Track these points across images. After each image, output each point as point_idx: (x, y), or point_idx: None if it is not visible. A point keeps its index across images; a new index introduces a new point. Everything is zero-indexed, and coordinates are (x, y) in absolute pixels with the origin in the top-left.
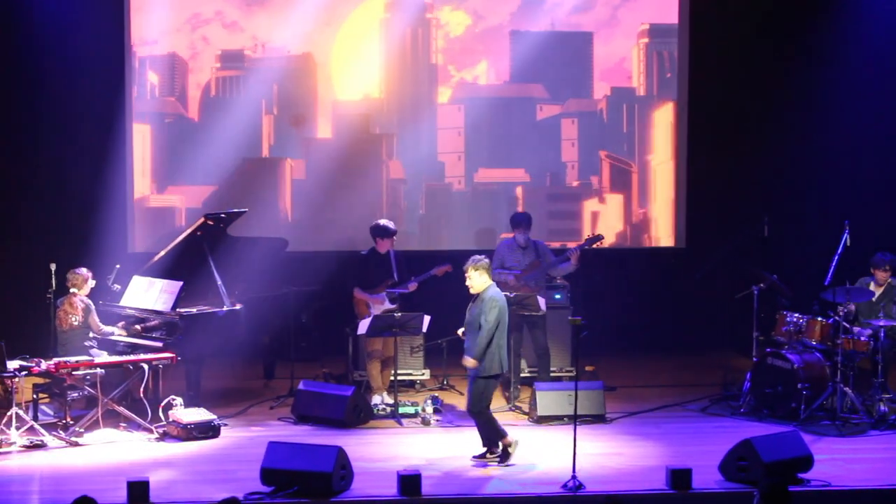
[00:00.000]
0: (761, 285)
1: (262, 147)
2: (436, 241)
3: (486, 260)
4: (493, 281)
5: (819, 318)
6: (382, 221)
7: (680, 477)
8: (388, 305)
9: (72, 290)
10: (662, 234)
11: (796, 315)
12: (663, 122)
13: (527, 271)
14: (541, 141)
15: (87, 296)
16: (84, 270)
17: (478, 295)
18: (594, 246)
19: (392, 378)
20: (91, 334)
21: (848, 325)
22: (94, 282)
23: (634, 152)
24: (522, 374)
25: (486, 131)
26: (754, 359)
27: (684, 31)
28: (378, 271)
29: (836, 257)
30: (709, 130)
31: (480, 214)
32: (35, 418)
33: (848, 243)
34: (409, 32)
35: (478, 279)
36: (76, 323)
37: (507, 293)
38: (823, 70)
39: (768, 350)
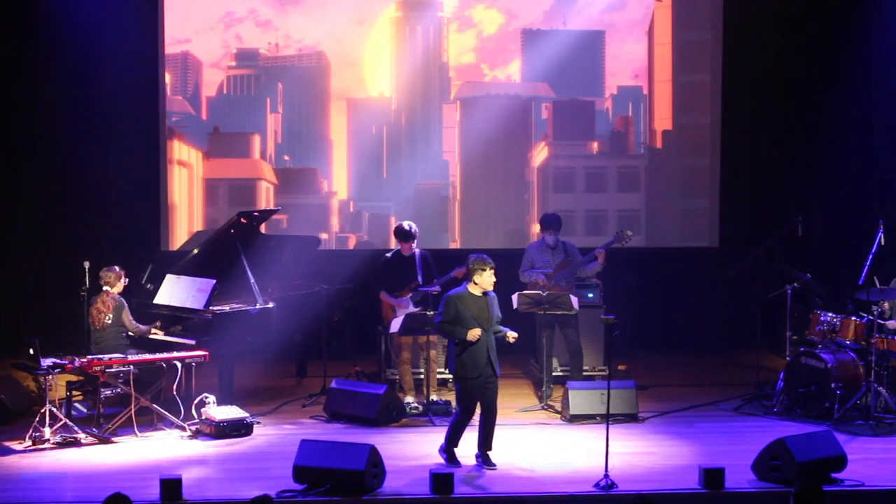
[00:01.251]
0: (795, 284)
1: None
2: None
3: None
4: (525, 282)
5: (853, 318)
6: (405, 224)
7: (713, 476)
8: (412, 308)
9: (105, 288)
10: (696, 233)
11: (830, 314)
12: (698, 122)
13: (557, 271)
14: None
15: (119, 294)
16: (117, 268)
17: (485, 292)
18: (622, 243)
19: (423, 377)
20: (125, 333)
21: (883, 323)
22: (126, 280)
23: (671, 151)
24: (555, 374)
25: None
26: (788, 358)
27: (717, 28)
28: (402, 273)
29: (871, 256)
30: (743, 130)
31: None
32: (68, 415)
33: (882, 242)
34: (421, 31)
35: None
36: (108, 321)
37: (540, 292)
38: (858, 67)
39: (802, 349)
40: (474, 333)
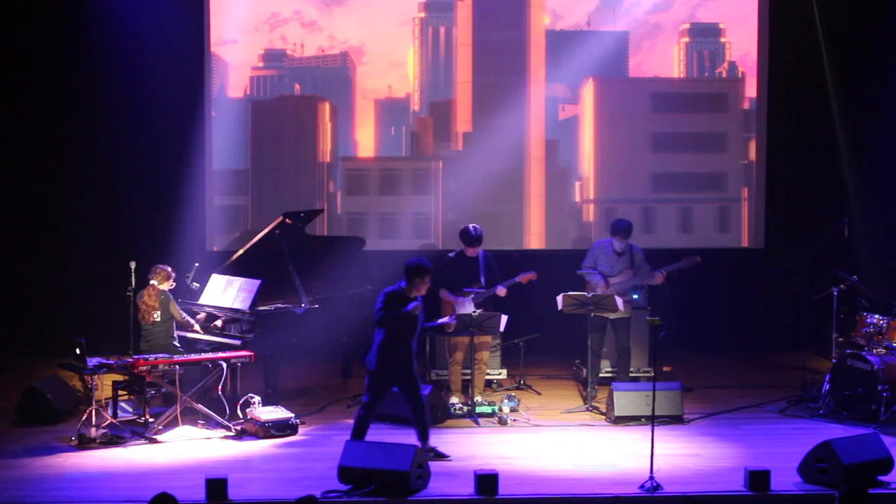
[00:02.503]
0: (841, 286)
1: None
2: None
3: None
4: (585, 279)
5: None
6: (471, 227)
7: (758, 478)
8: (471, 309)
9: (152, 282)
10: (741, 235)
11: (876, 316)
12: (744, 124)
13: (617, 278)
14: None
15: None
16: (169, 268)
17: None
18: (688, 267)
19: (469, 377)
20: (174, 334)
21: None
22: (174, 283)
23: (724, 153)
24: (600, 375)
25: None
26: (834, 360)
27: (764, 31)
28: (464, 274)
29: None
30: (788, 131)
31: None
32: (114, 415)
33: None
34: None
35: None
36: (157, 318)
37: (585, 293)
38: None
39: (848, 351)
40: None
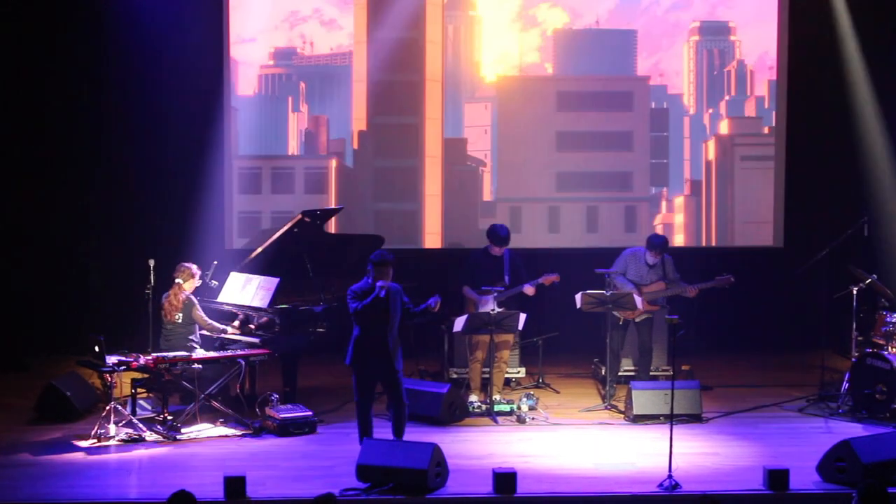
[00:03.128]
0: (861, 285)
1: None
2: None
3: None
4: (616, 286)
5: None
6: (500, 225)
7: (777, 477)
8: (492, 307)
9: (177, 281)
10: (760, 233)
11: None
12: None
13: (647, 290)
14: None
15: (191, 292)
16: (194, 267)
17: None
18: (720, 286)
19: (487, 375)
20: (194, 336)
21: None
22: (200, 281)
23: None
24: (619, 373)
25: None
26: (853, 359)
27: (783, 29)
28: (488, 273)
29: None
30: (808, 130)
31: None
32: (133, 413)
33: None
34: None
35: None
36: (178, 319)
37: (604, 291)
38: None
39: (867, 350)
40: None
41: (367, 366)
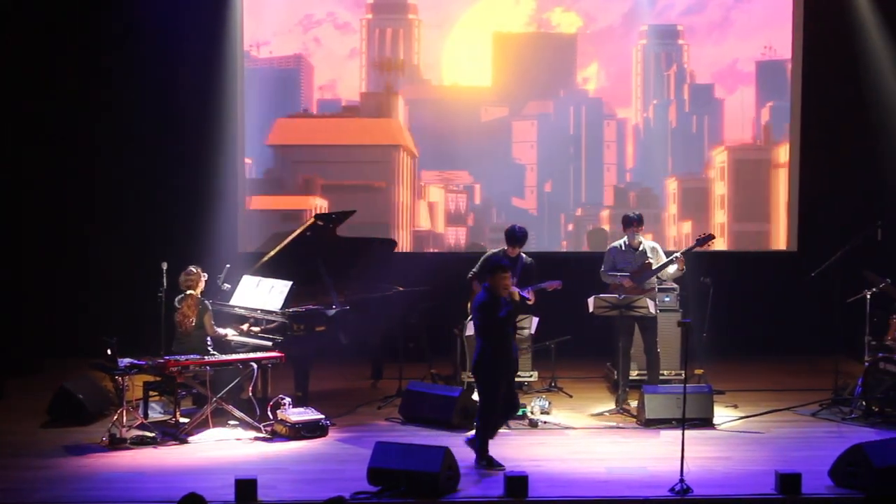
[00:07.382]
0: (874, 289)
1: None
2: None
3: None
4: (608, 282)
5: None
6: (517, 226)
7: (789, 481)
8: None
9: (188, 292)
10: (774, 237)
11: None
12: (777, 126)
13: (637, 273)
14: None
15: (202, 292)
16: (195, 269)
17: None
18: (705, 247)
19: None
20: (209, 337)
21: None
22: (206, 275)
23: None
24: (631, 378)
25: None
26: (866, 363)
27: (798, 32)
28: None
29: None
30: (822, 133)
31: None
32: (145, 415)
33: None
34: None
35: None
36: (193, 325)
37: (616, 295)
38: None
39: (881, 355)
40: None
41: (508, 373)
